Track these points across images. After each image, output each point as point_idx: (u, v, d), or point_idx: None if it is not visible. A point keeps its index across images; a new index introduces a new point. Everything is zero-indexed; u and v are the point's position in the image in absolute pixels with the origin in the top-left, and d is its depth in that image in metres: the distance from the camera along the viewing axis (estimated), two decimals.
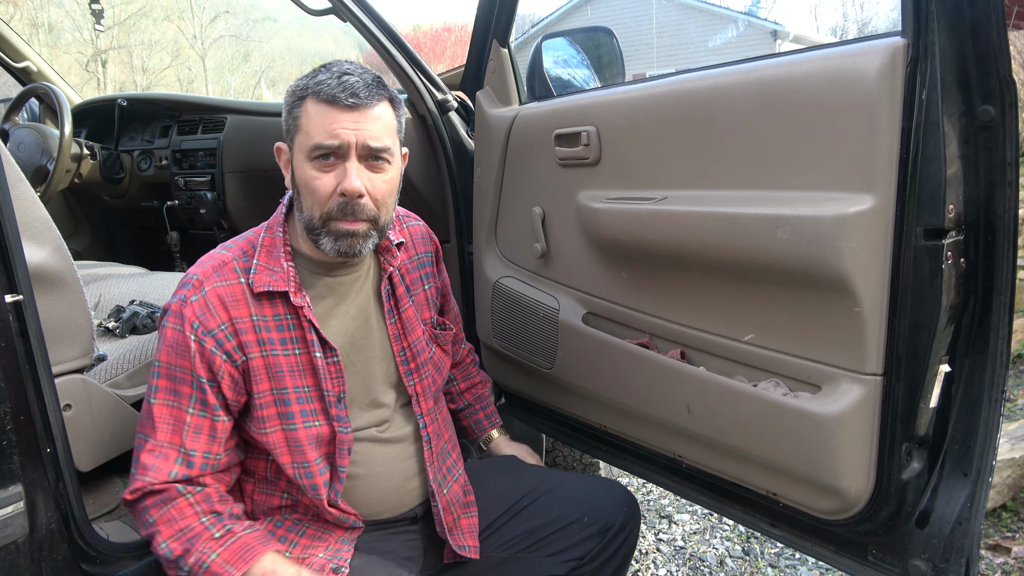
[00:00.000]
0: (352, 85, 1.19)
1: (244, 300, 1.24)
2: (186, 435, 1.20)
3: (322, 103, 1.19)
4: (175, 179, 2.96)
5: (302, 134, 1.21)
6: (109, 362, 1.63)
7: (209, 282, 1.23)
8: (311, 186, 1.21)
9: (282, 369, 1.25)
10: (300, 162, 1.22)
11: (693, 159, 1.40)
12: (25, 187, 1.37)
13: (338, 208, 1.21)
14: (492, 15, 1.86)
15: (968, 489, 1.17)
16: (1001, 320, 1.13)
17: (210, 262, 1.27)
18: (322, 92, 1.19)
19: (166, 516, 1.19)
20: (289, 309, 1.26)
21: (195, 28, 26.08)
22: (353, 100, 1.19)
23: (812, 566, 2.39)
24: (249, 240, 1.31)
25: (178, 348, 1.20)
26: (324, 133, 1.19)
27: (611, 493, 1.53)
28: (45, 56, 3.43)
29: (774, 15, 25.57)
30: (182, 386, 1.20)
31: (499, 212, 1.94)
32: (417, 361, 1.40)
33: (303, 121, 1.21)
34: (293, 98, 1.23)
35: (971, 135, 1.08)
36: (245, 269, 1.25)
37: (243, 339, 1.22)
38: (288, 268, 1.26)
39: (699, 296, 1.45)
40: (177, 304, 1.22)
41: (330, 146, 1.19)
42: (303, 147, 1.21)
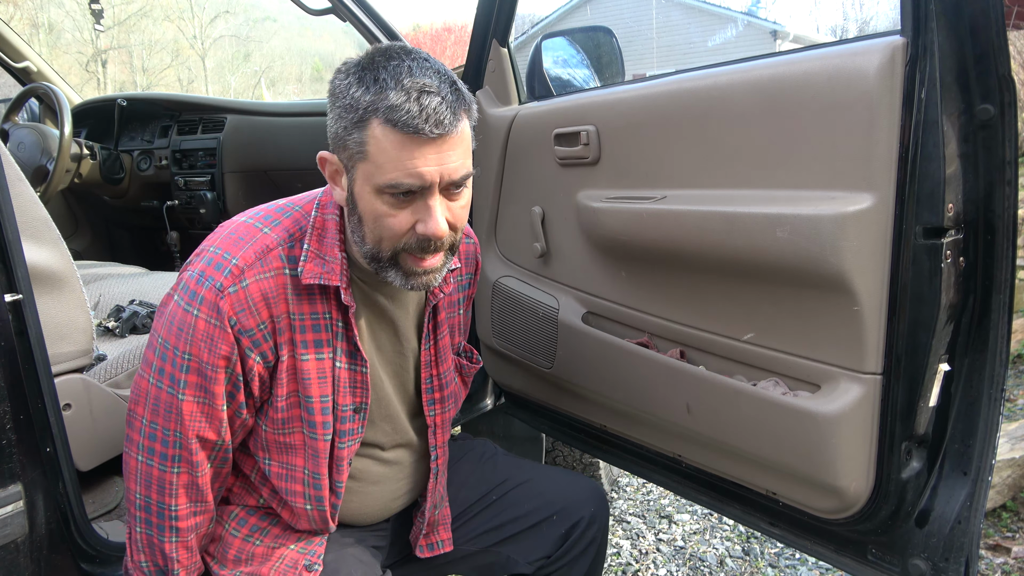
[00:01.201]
0: (436, 111, 0.98)
1: (284, 295, 1.10)
2: (223, 431, 1.12)
3: (399, 133, 0.98)
4: (175, 179, 2.96)
5: (370, 164, 1.01)
6: (109, 362, 1.63)
7: (251, 272, 1.07)
8: (383, 223, 1.04)
9: (310, 376, 1.14)
10: (365, 192, 1.04)
11: (693, 158, 1.40)
12: (25, 187, 1.37)
13: (417, 245, 1.05)
14: (492, 15, 1.86)
15: (968, 488, 1.17)
16: (1000, 319, 1.13)
17: (250, 244, 1.09)
18: (400, 122, 0.97)
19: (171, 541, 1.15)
20: (328, 307, 1.13)
21: (195, 28, 26.08)
22: (439, 131, 0.99)
23: (812, 566, 2.39)
24: (295, 220, 1.13)
25: (211, 344, 1.06)
26: (404, 172, 1.00)
27: (581, 488, 1.50)
28: (45, 56, 3.43)
29: (774, 15, 25.58)
30: (214, 385, 1.08)
31: (499, 212, 1.94)
32: (443, 392, 1.32)
33: (371, 150, 1.00)
34: (352, 116, 1.01)
35: (970, 134, 1.08)
36: (291, 259, 1.10)
37: (279, 340, 1.11)
38: (342, 259, 1.11)
39: (698, 295, 1.45)
40: (211, 293, 1.05)
41: (411, 187, 1.01)
42: (372, 179, 1.02)
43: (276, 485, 1.22)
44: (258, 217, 1.15)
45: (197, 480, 1.13)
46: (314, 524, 1.24)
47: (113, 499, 1.58)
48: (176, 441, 1.11)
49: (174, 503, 1.13)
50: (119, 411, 1.57)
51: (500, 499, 1.47)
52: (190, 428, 1.10)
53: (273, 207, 1.18)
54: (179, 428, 1.10)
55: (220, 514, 1.24)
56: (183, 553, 1.16)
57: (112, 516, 1.54)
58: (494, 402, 2.17)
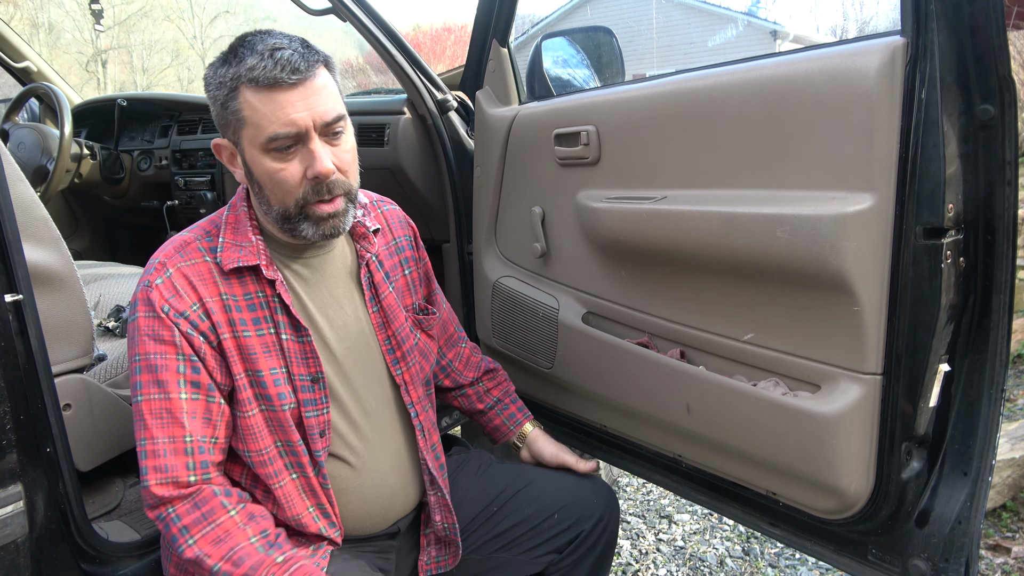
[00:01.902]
0: (289, 60, 1.09)
1: (212, 279, 1.17)
2: (186, 421, 1.12)
3: (263, 89, 1.09)
4: (175, 179, 2.96)
5: (249, 127, 1.12)
6: (109, 362, 1.63)
7: (172, 262, 1.16)
8: (277, 178, 1.13)
9: (255, 351, 1.18)
10: (255, 156, 1.14)
11: (693, 158, 1.40)
12: (25, 187, 1.37)
13: (313, 191, 1.14)
14: (492, 15, 1.86)
15: (968, 488, 1.17)
16: (1001, 319, 1.13)
17: (171, 244, 1.20)
18: (260, 78, 1.08)
19: (210, 535, 1.11)
20: (260, 286, 1.20)
21: (195, 28, 26.09)
22: (296, 76, 1.09)
23: (812, 566, 2.39)
24: (211, 220, 1.24)
25: (154, 334, 1.13)
26: (278, 122, 1.10)
27: (583, 487, 1.50)
28: (45, 56, 3.43)
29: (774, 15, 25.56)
30: (164, 373, 1.12)
31: (499, 212, 1.94)
32: (403, 349, 1.35)
33: (247, 114, 1.11)
34: (224, 90, 1.12)
35: (970, 134, 1.08)
36: (210, 248, 1.19)
37: (215, 319, 1.16)
38: (257, 242, 1.20)
39: (698, 295, 1.45)
40: (142, 291, 1.14)
41: (288, 135, 1.11)
42: (256, 141, 1.12)
43: (260, 474, 1.21)
44: (182, 232, 1.26)
45: (186, 472, 1.14)
46: (310, 501, 1.23)
47: (113, 499, 1.58)
48: (157, 447, 1.12)
49: (172, 506, 1.13)
50: (119, 411, 1.57)
51: (500, 509, 1.47)
52: (161, 426, 1.13)
53: (192, 225, 1.27)
54: (153, 431, 1.12)
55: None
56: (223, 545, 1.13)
57: (112, 516, 1.54)
58: None
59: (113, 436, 1.56)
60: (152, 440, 1.12)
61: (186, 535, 1.11)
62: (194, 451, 1.13)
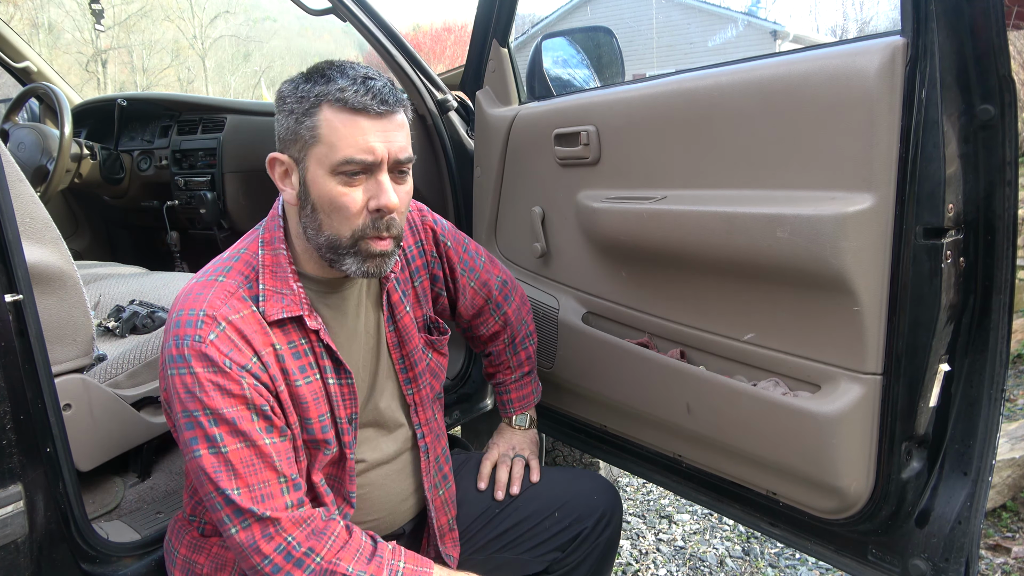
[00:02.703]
0: (380, 91, 1.09)
1: (263, 330, 1.13)
2: (279, 463, 1.10)
3: (348, 112, 1.08)
4: (175, 179, 2.96)
5: (323, 146, 1.09)
6: (109, 362, 1.63)
7: (222, 315, 1.10)
8: (339, 203, 1.10)
9: (306, 400, 1.16)
10: (319, 176, 1.11)
11: (693, 159, 1.40)
12: (25, 187, 1.37)
13: (371, 225, 1.12)
14: (492, 15, 1.86)
15: (968, 488, 1.17)
16: (1001, 319, 1.13)
17: (212, 293, 1.12)
18: (348, 100, 1.07)
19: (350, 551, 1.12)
20: (302, 334, 1.17)
21: (195, 28, 26.08)
22: (383, 108, 1.09)
23: (812, 566, 2.39)
24: (245, 261, 1.18)
25: (221, 389, 1.07)
26: (356, 147, 1.08)
27: (584, 485, 1.50)
28: (45, 56, 3.43)
29: (774, 15, 25.57)
30: (242, 424, 1.08)
31: (499, 212, 1.94)
32: (415, 370, 1.35)
33: (324, 132, 1.09)
34: (304, 105, 1.10)
35: (970, 134, 1.09)
36: (253, 297, 1.14)
37: (271, 372, 1.13)
38: (299, 290, 1.17)
39: (699, 295, 1.45)
40: (194, 346, 1.07)
41: (362, 161, 1.08)
42: (325, 161, 1.09)
43: None
44: (208, 272, 1.18)
45: (291, 513, 1.11)
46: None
47: (113, 499, 1.58)
48: (254, 493, 1.09)
49: (290, 534, 1.10)
50: (119, 411, 1.57)
51: (502, 510, 1.47)
52: (255, 473, 1.09)
53: (221, 258, 1.21)
54: (247, 480, 1.08)
55: (223, 562, 1.23)
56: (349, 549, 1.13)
57: (112, 516, 1.54)
58: (494, 402, 2.17)
59: (113, 436, 1.56)
60: (248, 488, 1.08)
61: (312, 555, 1.10)
62: (289, 490, 1.11)
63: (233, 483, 1.07)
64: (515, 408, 1.64)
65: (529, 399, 1.66)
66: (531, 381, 1.66)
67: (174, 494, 1.62)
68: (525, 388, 1.65)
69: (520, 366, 1.64)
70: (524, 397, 1.65)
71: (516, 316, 1.60)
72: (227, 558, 1.23)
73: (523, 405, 1.65)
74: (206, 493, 1.10)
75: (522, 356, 1.63)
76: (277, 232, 1.20)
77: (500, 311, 1.58)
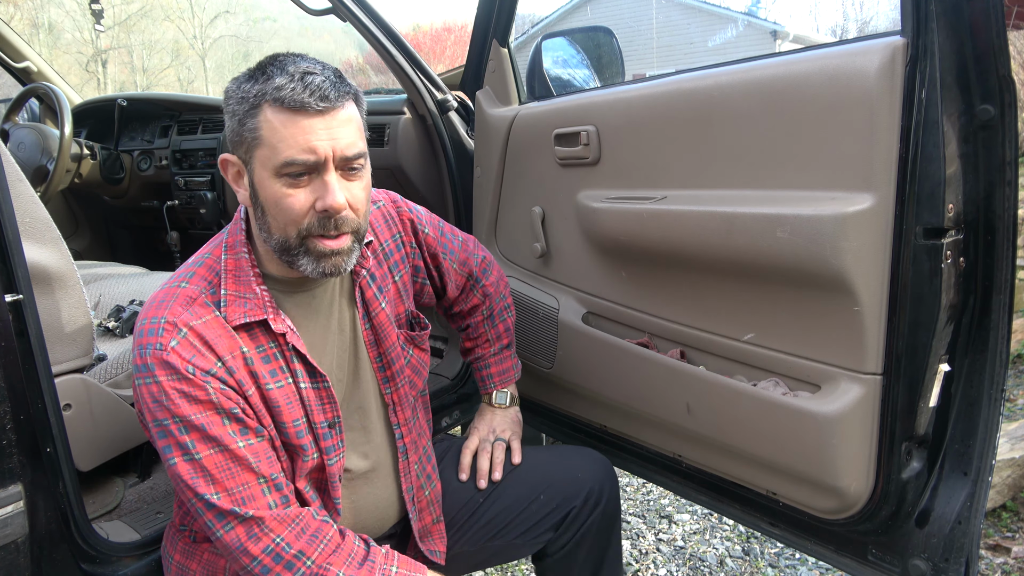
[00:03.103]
0: (320, 86, 1.05)
1: (227, 334, 1.10)
2: (256, 464, 1.08)
3: (287, 111, 1.04)
4: (175, 179, 2.96)
5: (265, 148, 1.06)
6: (109, 362, 1.63)
7: (183, 321, 1.07)
8: (283, 204, 1.07)
9: (278, 404, 1.14)
10: (264, 179, 1.08)
11: (693, 159, 1.40)
12: (25, 187, 1.37)
13: (318, 224, 1.08)
14: (492, 15, 1.86)
15: (968, 488, 1.17)
16: (1001, 319, 1.13)
17: (173, 300, 1.10)
18: (286, 99, 1.04)
19: (341, 556, 1.11)
20: (270, 337, 1.14)
21: (195, 28, 26.09)
22: (324, 104, 1.05)
23: (812, 566, 2.39)
24: (208, 266, 1.16)
25: (186, 396, 1.05)
26: (297, 148, 1.04)
27: (570, 463, 1.48)
28: (45, 56, 3.43)
29: (774, 15, 25.57)
30: (213, 429, 1.06)
31: (499, 212, 1.94)
32: (392, 369, 1.31)
33: (265, 133, 1.05)
34: (245, 106, 1.07)
35: (970, 134, 1.09)
36: (215, 303, 1.12)
37: (238, 377, 1.10)
38: (262, 293, 1.14)
39: (699, 295, 1.45)
40: (155, 354, 1.05)
41: (304, 162, 1.05)
42: (268, 163, 1.06)
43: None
44: (172, 279, 1.16)
45: (274, 512, 1.10)
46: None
47: (113, 499, 1.58)
48: (234, 496, 1.07)
49: (277, 535, 1.09)
50: (119, 411, 1.57)
51: (486, 499, 1.45)
52: (232, 476, 1.08)
53: (184, 266, 1.19)
54: (225, 484, 1.07)
55: (215, 568, 1.22)
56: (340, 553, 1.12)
57: (112, 516, 1.54)
58: None
59: (113, 436, 1.56)
60: (227, 492, 1.07)
61: (303, 558, 1.09)
62: (270, 490, 1.10)
63: (211, 488, 1.06)
64: (495, 383, 1.60)
65: (509, 373, 1.62)
66: (511, 356, 1.63)
67: (174, 494, 1.62)
68: (505, 363, 1.62)
69: (499, 338, 1.60)
70: (504, 371, 1.61)
71: (495, 289, 1.58)
72: (218, 564, 1.22)
73: (504, 380, 1.61)
74: (187, 499, 1.08)
75: (500, 328, 1.60)
76: (239, 235, 1.17)
77: (480, 285, 1.57)
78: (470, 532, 1.44)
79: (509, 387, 1.62)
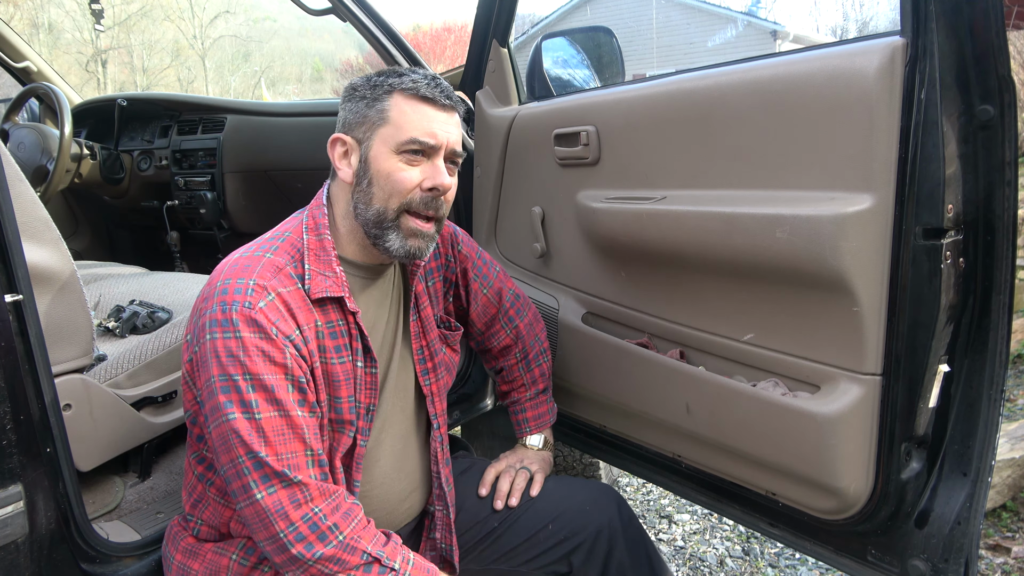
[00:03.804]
0: (446, 88, 1.23)
1: (306, 306, 1.18)
2: (307, 436, 1.12)
3: (418, 100, 1.21)
4: (175, 179, 2.96)
5: (390, 127, 1.20)
6: (109, 362, 1.63)
7: (272, 287, 1.15)
8: (396, 176, 1.19)
9: (339, 378, 1.21)
10: (382, 154, 1.20)
11: (692, 159, 1.40)
12: (25, 187, 1.37)
13: (420, 201, 1.21)
14: (492, 15, 1.86)
15: (967, 489, 1.17)
16: (1000, 320, 1.13)
17: (261, 266, 1.17)
18: (420, 90, 1.20)
19: (368, 534, 1.15)
20: (340, 315, 1.22)
21: (195, 28, 26.08)
22: (448, 102, 1.22)
23: (812, 566, 2.39)
24: (291, 243, 1.23)
25: (265, 355, 1.10)
26: (422, 130, 1.20)
27: (581, 497, 1.47)
28: (45, 56, 3.43)
29: (774, 15, 25.57)
30: (280, 392, 1.11)
31: (499, 212, 1.94)
32: (434, 361, 1.39)
33: (393, 115, 1.20)
34: (377, 92, 1.22)
35: (970, 135, 1.09)
36: (298, 276, 1.19)
37: (310, 347, 1.17)
38: (340, 273, 1.22)
39: (698, 296, 1.45)
40: (243, 311, 1.10)
41: (426, 143, 1.20)
42: (391, 140, 1.20)
43: None
44: (255, 246, 1.22)
45: (317, 483, 1.12)
46: None
47: (113, 499, 1.58)
48: (283, 462, 1.10)
49: (316, 504, 1.11)
50: (119, 411, 1.57)
51: (500, 523, 1.45)
52: (284, 443, 1.11)
53: (265, 238, 1.25)
54: (277, 448, 1.10)
55: (226, 545, 1.24)
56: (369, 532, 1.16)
57: (112, 516, 1.54)
58: (494, 402, 2.17)
59: (113, 436, 1.56)
60: (277, 456, 1.09)
61: (336, 531, 1.12)
62: (314, 464, 1.13)
63: (264, 448, 1.09)
64: (530, 427, 1.62)
65: (545, 418, 1.64)
66: (547, 400, 1.65)
67: (174, 494, 1.62)
68: (541, 407, 1.63)
69: (534, 383, 1.63)
70: (540, 416, 1.63)
71: (528, 331, 1.61)
72: (220, 564, 1.22)
73: (539, 424, 1.63)
74: (232, 458, 1.10)
75: (536, 373, 1.63)
76: (322, 219, 1.25)
77: (512, 324, 1.59)
78: (477, 551, 1.46)
79: (544, 431, 1.64)
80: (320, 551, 1.09)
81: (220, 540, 1.26)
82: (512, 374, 1.63)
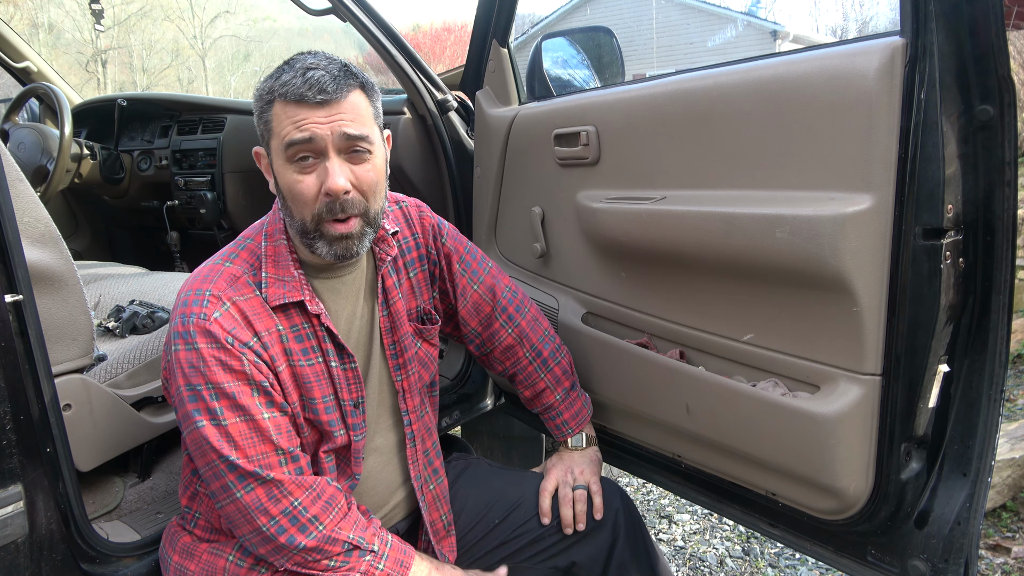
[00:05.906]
0: (319, 80, 1.12)
1: (265, 312, 1.19)
2: (276, 437, 1.15)
3: (290, 104, 1.13)
4: (175, 179, 2.96)
5: (275, 138, 1.16)
6: (109, 362, 1.63)
7: (227, 296, 1.16)
8: (295, 190, 1.16)
9: (309, 380, 1.22)
10: (280, 167, 1.17)
11: (692, 159, 1.40)
12: (25, 187, 1.37)
13: (326, 209, 1.15)
14: (492, 15, 1.86)
15: (967, 489, 1.17)
16: (1000, 320, 1.13)
17: (219, 276, 1.19)
18: (288, 93, 1.13)
19: (349, 521, 1.19)
20: (304, 318, 1.22)
21: (195, 28, 26.08)
22: (322, 96, 1.12)
23: (812, 566, 2.39)
24: (250, 250, 1.24)
25: (222, 364, 1.13)
26: (293, 127, 1.13)
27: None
28: (45, 56, 3.43)
29: (774, 15, 25.57)
30: (242, 398, 1.13)
31: (499, 212, 1.94)
32: (404, 356, 1.36)
33: (274, 124, 1.16)
34: (261, 103, 1.17)
35: (970, 135, 1.08)
36: (257, 283, 1.20)
37: (271, 352, 1.18)
38: (299, 276, 1.22)
39: (698, 296, 1.45)
40: (198, 323, 1.13)
41: (300, 139, 1.12)
42: (278, 149, 1.16)
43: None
44: (216, 258, 1.24)
45: (293, 477, 1.16)
46: None
47: (113, 499, 1.58)
48: (253, 463, 1.13)
49: (296, 498, 1.15)
50: (119, 411, 1.57)
51: (500, 523, 1.46)
52: (253, 445, 1.14)
53: (228, 247, 1.27)
54: (246, 451, 1.13)
55: (222, 546, 1.24)
56: (349, 519, 1.20)
57: (112, 516, 1.54)
58: (494, 402, 2.17)
59: (113, 436, 1.56)
60: (248, 459, 1.13)
61: (316, 523, 1.16)
62: (287, 462, 1.16)
63: (234, 452, 1.12)
64: (571, 428, 1.57)
65: (583, 414, 1.59)
66: (579, 395, 1.60)
67: (174, 494, 1.62)
68: (575, 404, 1.58)
69: (559, 382, 1.57)
70: (577, 414, 1.58)
71: (533, 329, 1.56)
72: (217, 566, 1.22)
73: (579, 423, 1.58)
74: (208, 462, 1.13)
75: (557, 372, 1.57)
76: (278, 224, 1.26)
77: (512, 322, 1.54)
78: (481, 552, 1.46)
79: (584, 428, 1.60)
80: (302, 542, 1.14)
81: (216, 536, 1.26)
82: (531, 377, 1.56)
